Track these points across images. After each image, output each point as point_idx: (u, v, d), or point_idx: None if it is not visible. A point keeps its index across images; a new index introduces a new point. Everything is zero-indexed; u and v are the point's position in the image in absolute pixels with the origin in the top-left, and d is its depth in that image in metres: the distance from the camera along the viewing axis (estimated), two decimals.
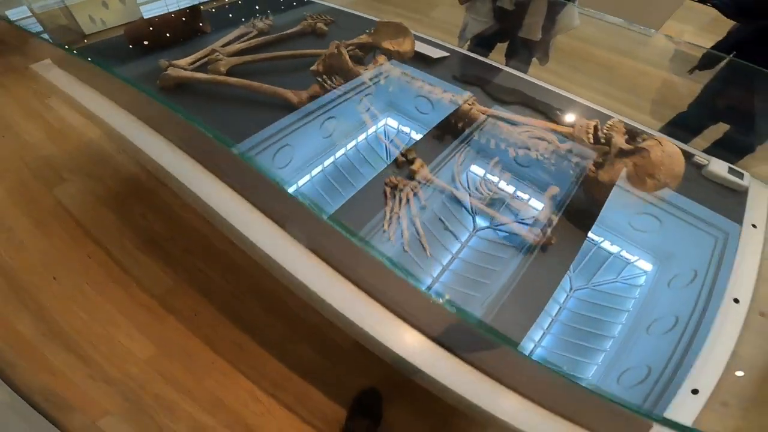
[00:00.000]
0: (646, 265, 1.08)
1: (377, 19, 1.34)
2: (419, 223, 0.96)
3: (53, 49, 1.47)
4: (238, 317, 1.51)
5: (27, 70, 2.56)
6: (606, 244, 1.11)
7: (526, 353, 0.76)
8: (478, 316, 0.74)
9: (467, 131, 1.18)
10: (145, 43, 1.53)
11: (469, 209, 1.04)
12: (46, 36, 1.45)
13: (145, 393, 1.31)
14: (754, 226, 1.06)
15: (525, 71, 1.76)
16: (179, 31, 1.60)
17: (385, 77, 1.31)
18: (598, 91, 1.72)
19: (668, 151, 0.88)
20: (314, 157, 1.22)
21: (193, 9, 1.68)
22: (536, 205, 1.11)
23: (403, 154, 1.09)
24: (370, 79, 1.28)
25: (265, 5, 1.93)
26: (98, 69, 1.17)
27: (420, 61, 1.50)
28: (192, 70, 1.36)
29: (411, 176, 1.05)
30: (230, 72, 1.38)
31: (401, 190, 1.00)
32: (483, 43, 1.76)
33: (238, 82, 1.31)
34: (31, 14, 1.58)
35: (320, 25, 1.61)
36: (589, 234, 1.02)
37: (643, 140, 0.95)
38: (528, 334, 0.82)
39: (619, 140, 0.95)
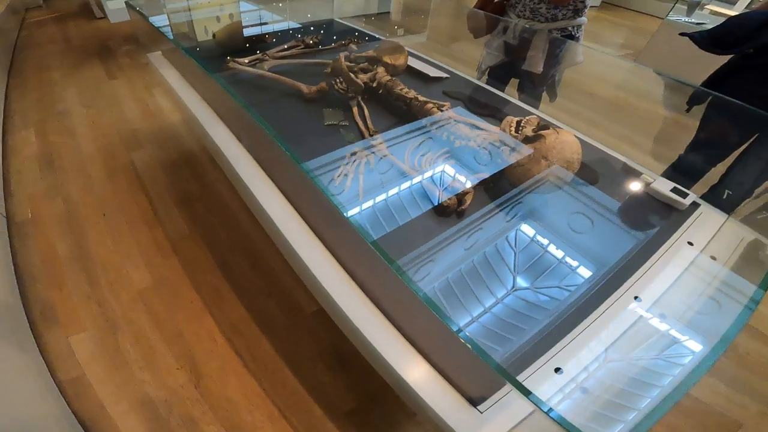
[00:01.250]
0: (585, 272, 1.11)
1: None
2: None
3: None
4: (227, 267, 1.73)
5: (146, 66, 3.28)
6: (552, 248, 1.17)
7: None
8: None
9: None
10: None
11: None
12: (170, 37, 1.94)
13: (123, 319, 1.53)
14: (690, 243, 1.07)
15: (536, 106, 1.89)
16: (252, 40, 2.04)
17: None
18: (602, 128, 1.76)
19: (562, 138, 0.98)
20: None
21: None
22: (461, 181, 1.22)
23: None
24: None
25: (320, 30, 2.34)
26: (193, 66, 1.57)
27: (416, 77, 1.73)
28: (246, 66, 1.73)
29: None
30: (270, 69, 1.72)
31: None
32: (497, 76, 1.94)
33: (270, 75, 1.64)
34: (168, 23, 2.13)
35: (351, 45, 1.93)
36: (539, 238, 1.11)
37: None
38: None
39: (527, 131, 1.07)
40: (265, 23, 2.49)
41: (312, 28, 2.37)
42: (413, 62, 1.82)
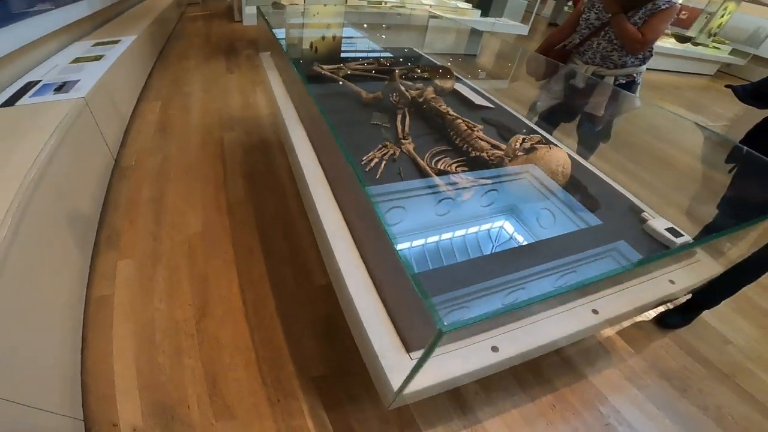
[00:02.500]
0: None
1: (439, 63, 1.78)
2: None
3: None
4: (264, 232, 1.96)
5: (257, 67, 3.83)
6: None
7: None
8: None
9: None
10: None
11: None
12: (283, 46, 2.35)
13: (167, 255, 1.79)
14: (671, 281, 1.07)
15: (593, 146, 1.93)
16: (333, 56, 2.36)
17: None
18: (643, 182, 1.68)
19: (551, 152, 1.04)
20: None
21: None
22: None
23: None
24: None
25: (403, 57, 2.60)
26: (290, 71, 1.92)
27: (462, 102, 1.85)
28: (326, 71, 2.02)
29: None
30: (344, 77, 1.99)
31: None
32: (549, 119, 2.00)
33: (341, 79, 1.90)
34: (284, 37, 2.58)
35: (417, 69, 2.13)
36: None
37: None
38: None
39: (527, 144, 1.13)
40: (358, 46, 2.86)
41: (392, 54, 2.65)
42: (463, 90, 1.97)
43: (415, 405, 1.31)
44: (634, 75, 1.88)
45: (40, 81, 2.32)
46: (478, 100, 1.88)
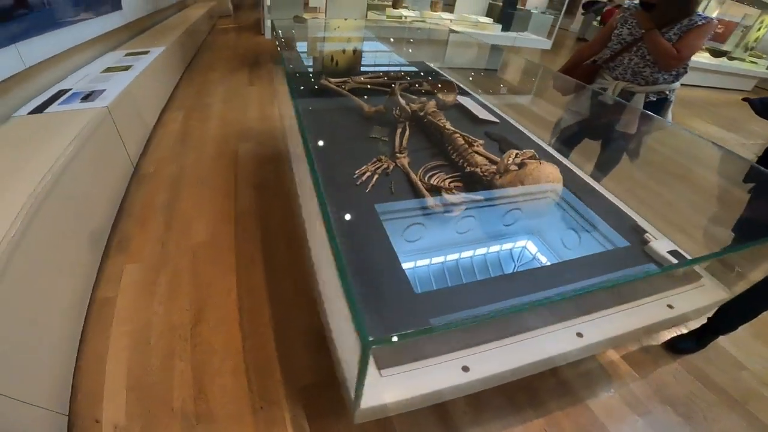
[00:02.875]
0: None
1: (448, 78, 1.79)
2: None
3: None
4: (267, 242, 1.99)
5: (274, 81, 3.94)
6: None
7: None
8: None
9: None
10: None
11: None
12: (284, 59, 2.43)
13: (172, 260, 1.84)
14: (669, 306, 1.02)
15: (608, 168, 1.90)
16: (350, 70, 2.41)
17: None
18: (658, 204, 1.60)
19: (541, 168, 1.03)
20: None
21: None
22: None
23: None
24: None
25: (420, 72, 2.62)
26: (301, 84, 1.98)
27: (466, 116, 1.84)
28: (333, 84, 2.06)
29: None
30: (350, 89, 2.02)
31: None
32: (571, 137, 1.98)
33: (345, 93, 1.93)
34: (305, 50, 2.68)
35: (425, 83, 2.14)
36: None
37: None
38: None
39: (518, 159, 1.11)
40: (377, 60, 2.91)
41: (405, 68, 2.68)
42: (468, 104, 1.96)
43: (399, 420, 1.29)
44: (666, 92, 1.84)
45: (71, 89, 2.46)
46: (483, 115, 1.87)
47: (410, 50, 3.81)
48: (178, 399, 1.28)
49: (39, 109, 2.14)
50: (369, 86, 2.06)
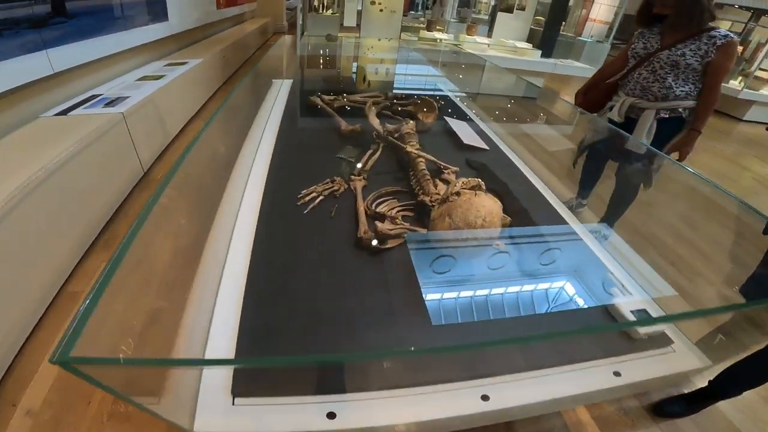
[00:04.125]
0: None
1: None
2: None
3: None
4: None
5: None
6: None
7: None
8: None
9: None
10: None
11: None
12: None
13: (148, 261, 1.90)
14: (616, 373, 0.86)
15: (631, 196, 1.81)
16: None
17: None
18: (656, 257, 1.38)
19: (473, 200, 0.91)
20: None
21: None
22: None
23: None
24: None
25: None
26: None
27: (450, 138, 1.74)
28: (321, 101, 2.06)
29: None
30: (339, 106, 2.01)
31: None
32: (595, 155, 1.89)
33: (329, 110, 1.92)
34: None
35: (409, 104, 2.08)
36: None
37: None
38: None
39: (458, 187, 1.00)
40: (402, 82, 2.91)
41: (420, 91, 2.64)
42: (459, 127, 1.86)
43: None
44: (680, 110, 1.69)
45: (101, 95, 2.66)
46: (470, 140, 1.76)
47: (441, 73, 3.77)
48: (98, 394, 1.28)
49: (64, 112, 2.31)
50: (359, 105, 2.03)
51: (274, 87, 2.50)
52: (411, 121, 1.64)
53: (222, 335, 0.87)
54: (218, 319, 0.92)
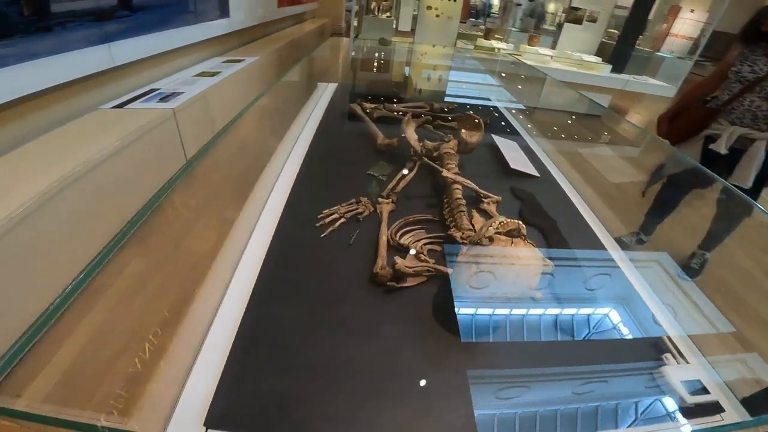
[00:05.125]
0: None
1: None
2: None
3: None
4: None
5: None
6: None
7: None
8: None
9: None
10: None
11: None
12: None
13: (173, 262, 1.89)
14: None
15: (727, 232, 1.65)
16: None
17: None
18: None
19: (507, 252, 0.76)
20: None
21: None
22: None
23: None
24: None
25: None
26: None
27: (496, 159, 1.57)
28: (360, 110, 1.97)
29: None
30: (380, 116, 1.90)
31: None
32: (676, 184, 1.68)
33: (367, 119, 1.82)
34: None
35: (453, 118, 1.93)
36: None
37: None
38: None
39: (489, 232, 0.84)
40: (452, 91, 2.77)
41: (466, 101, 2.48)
42: (508, 148, 1.68)
43: None
44: None
45: (159, 89, 2.76)
46: (517, 165, 1.58)
47: (496, 83, 3.57)
48: (100, 393, 1.27)
49: (122, 105, 2.41)
50: (393, 115, 1.92)
51: (319, 90, 2.45)
52: (453, 140, 1.49)
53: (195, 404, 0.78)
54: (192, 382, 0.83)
